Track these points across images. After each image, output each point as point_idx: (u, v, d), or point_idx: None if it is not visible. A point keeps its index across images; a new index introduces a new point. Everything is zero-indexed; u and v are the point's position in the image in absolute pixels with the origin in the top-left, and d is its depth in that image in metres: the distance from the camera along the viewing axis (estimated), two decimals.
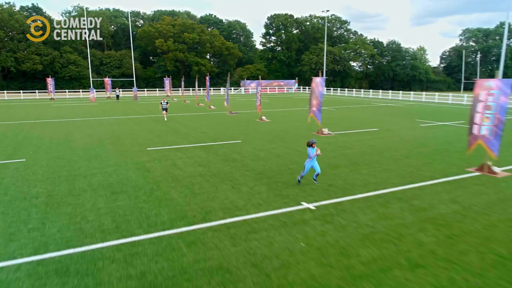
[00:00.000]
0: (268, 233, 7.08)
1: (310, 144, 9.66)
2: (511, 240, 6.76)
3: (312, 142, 9.69)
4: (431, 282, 5.36)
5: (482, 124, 11.28)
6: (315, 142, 9.75)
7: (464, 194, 9.37)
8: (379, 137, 18.24)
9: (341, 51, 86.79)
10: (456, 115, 29.61)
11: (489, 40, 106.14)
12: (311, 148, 9.64)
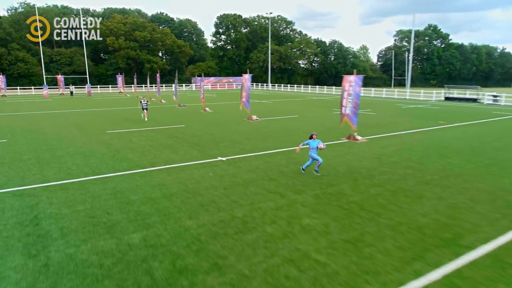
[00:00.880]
0: (191, 170, 11.55)
1: (310, 136, 10.61)
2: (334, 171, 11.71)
3: (312, 134, 10.62)
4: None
5: (346, 106, 16.47)
6: (315, 134, 10.70)
7: (336, 151, 14.38)
8: (294, 121, 23.31)
9: (287, 50, 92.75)
10: (372, 105, 35.74)
11: (420, 40, 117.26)
12: (312, 140, 10.50)
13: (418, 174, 11.10)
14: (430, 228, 7.25)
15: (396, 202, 8.65)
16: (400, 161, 12.72)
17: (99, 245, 6.51)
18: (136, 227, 7.26)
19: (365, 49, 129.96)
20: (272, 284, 5.34)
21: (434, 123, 22.77)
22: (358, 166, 12.01)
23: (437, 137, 17.72)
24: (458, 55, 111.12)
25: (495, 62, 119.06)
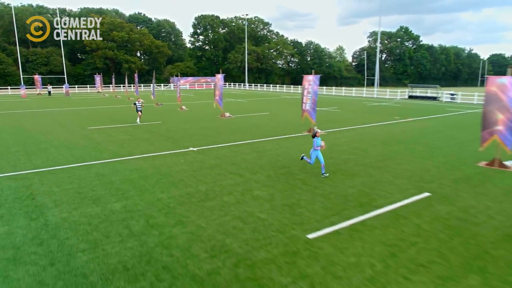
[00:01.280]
0: (165, 158, 13.22)
1: (314, 134, 10.40)
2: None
3: (315, 132, 10.38)
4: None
5: (306, 103, 18.45)
6: (319, 132, 10.52)
7: (294, 142, 16.30)
8: (264, 118, 25.20)
9: (264, 50, 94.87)
10: (339, 103, 38.08)
11: (393, 42, 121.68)
12: (317, 138, 10.36)
13: (359, 159, 13.14)
14: (353, 196, 9.22)
15: (333, 179, 10.60)
16: (348, 149, 14.77)
17: (87, 211, 8.15)
18: (117, 199, 8.92)
19: (341, 49, 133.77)
20: (222, 232, 7.13)
21: (390, 118, 25.13)
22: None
23: (388, 130, 19.96)
24: (428, 56, 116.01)
25: (462, 63, 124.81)
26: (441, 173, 11.25)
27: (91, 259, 6.00)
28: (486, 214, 8.05)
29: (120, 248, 6.40)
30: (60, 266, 5.81)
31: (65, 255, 6.14)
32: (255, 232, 7.09)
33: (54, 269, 5.72)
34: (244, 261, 5.95)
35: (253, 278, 5.45)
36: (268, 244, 6.54)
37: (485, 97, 12.03)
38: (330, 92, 61.38)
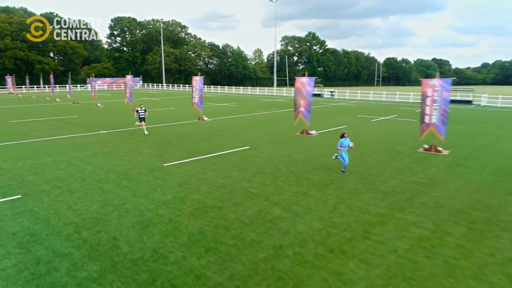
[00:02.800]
0: (80, 138, 18.02)
1: (341, 135, 10.86)
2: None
3: (343, 133, 10.85)
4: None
5: (195, 97, 24.25)
6: (346, 132, 10.98)
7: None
8: (169, 111, 30.54)
9: (183, 52, 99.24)
10: (240, 100, 44.68)
11: (303, 46, 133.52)
12: (344, 138, 10.76)
13: (224, 133, 19.29)
14: (203, 149, 15.17)
15: (196, 143, 16.51)
16: (220, 128, 20.90)
17: (27, 162, 13.01)
18: (48, 157, 13.83)
19: (259, 51, 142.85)
20: (116, 164, 12.57)
21: (270, 110, 32.17)
22: (191, 132, 19.85)
23: (258, 117, 26.68)
24: (332, 59, 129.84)
25: (362, 65, 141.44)
26: (264, 139, 17.84)
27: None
28: (279, 154, 14.53)
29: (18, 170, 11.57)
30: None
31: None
32: (135, 163, 12.65)
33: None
34: (125, 174, 11.49)
35: (130, 179, 11.02)
36: (140, 168, 12.15)
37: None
38: (246, 91, 68.18)
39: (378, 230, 7.30)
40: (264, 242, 6.77)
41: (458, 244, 6.73)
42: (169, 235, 7.04)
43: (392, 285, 5.42)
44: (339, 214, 8.13)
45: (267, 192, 9.65)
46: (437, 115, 13.84)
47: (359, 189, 9.87)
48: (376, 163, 12.76)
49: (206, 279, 5.54)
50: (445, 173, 11.56)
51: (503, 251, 6.47)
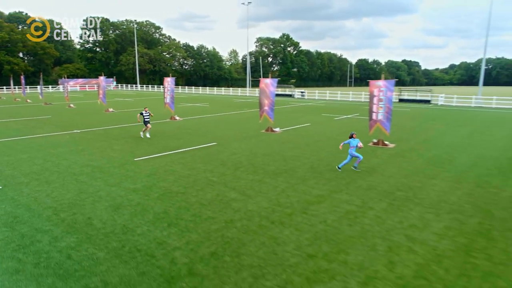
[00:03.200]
0: (54, 137, 18.78)
1: (350, 135, 11.60)
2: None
3: (352, 134, 11.59)
4: None
5: (167, 97, 25.28)
6: (355, 133, 11.68)
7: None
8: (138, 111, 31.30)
9: (157, 53, 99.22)
10: (214, 101, 45.79)
11: (277, 47, 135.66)
12: (352, 139, 11.46)
13: (193, 132, 20.48)
14: (171, 146, 16.32)
15: (167, 141, 17.63)
16: (191, 127, 22.07)
17: (2, 159, 13.81)
18: (24, 153, 14.64)
19: (235, 52, 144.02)
20: (91, 159, 13.58)
21: (241, 109, 33.52)
22: (162, 131, 20.90)
23: (228, 116, 27.97)
24: (306, 60, 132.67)
25: (335, 66, 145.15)
26: (231, 136, 19.16)
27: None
28: (242, 149, 15.83)
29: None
30: None
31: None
32: (107, 158, 13.69)
33: None
34: (99, 168, 12.52)
35: (103, 172, 12.07)
36: (112, 162, 13.20)
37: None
38: (220, 92, 69.28)
39: (315, 207, 8.76)
40: (217, 218, 8.09)
41: (376, 215, 8.27)
42: (137, 215, 8.24)
43: (315, 244, 6.85)
44: (285, 196, 9.55)
45: (226, 180, 10.98)
46: (383, 113, 15.56)
47: (307, 177, 11.34)
48: (328, 156, 14.31)
49: (167, 245, 6.80)
50: (385, 163, 13.23)
51: (410, 219, 8.05)
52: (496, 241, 6.99)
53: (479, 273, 5.85)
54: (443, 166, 12.76)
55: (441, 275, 5.78)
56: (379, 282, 5.60)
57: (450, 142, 17.46)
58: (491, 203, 9.06)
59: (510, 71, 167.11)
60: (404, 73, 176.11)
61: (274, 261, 6.20)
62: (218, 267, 5.98)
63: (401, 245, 6.81)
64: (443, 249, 6.65)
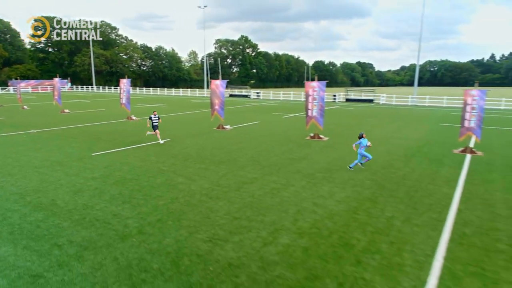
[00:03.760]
0: (12, 136, 19.46)
1: (360, 136, 12.14)
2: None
3: (362, 134, 12.18)
4: None
5: (123, 98, 26.33)
6: (364, 133, 12.28)
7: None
8: (98, 113, 32.01)
9: (113, 54, 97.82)
10: (171, 101, 46.76)
11: (236, 49, 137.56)
12: (363, 139, 12.06)
13: (145, 129, 21.79)
14: (126, 142, 17.65)
15: (123, 136, 18.90)
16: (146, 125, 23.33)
17: None
18: None
19: (194, 53, 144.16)
20: (53, 156, 14.68)
21: (197, 109, 35.01)
22: (119, 130, 22.06)
23: (184, 116, 29.43)
24: (264, 62, 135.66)
25: (292, 68, 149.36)
26: (185, 133, 20.73)
27: None
28: (194, 143, 17.45)
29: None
30: None
31: None
32: (66, 154, 14.84)
33: None
34: (58, 162, 13.70)
35: (62, 165, 13.28)
36: (71, 157, 14.41)
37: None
38: (171, 93, 70.08)
39: (247, 186, 10.66)
40: (165, 196, 9.76)
41: (295, 190, 10.30)
42: (95, 196, 9.73)
43: (241, 211, 8.72)
44: (224, 179, 11.38)
45: (176, 168, 12.64)
46: (317, 110, 17.84)
47: (246, 165, 13.25)
48: (267, 148, 16.32)
49: (121, 216, 8.39)
50: (315, 153, 15.44)
51: (321, 192, 10.14)
52: (378, 204, 9.23)
53: (357, 223, 7.99)
54: None
55: (329, 226, 7.85)
56: (283, 231, 7.56)
57: (378, 135, 20.10)
58: (387, 180, 11.41)
59: (453, 73, 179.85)
60: (358, 74, 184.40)
61: (207, 222, 8.01)
62: (162, 228, 7.69)
63: (307, 209, 8.85)
64: (337, 210, 8.77)
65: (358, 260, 6.38)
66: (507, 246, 6.95)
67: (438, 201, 9.39)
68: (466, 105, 14.67)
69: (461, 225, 7.92)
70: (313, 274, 5.91)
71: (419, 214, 8.53)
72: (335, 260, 6.36)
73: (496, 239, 7.22)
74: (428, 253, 6.63)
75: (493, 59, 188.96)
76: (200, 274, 5.90)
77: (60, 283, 5.63)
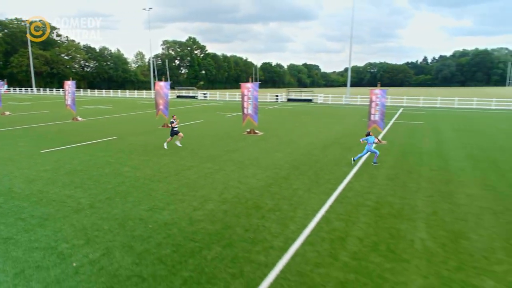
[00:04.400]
0: None
1: (367, 133, 13.19)
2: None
3: (369, 132, 13.28)
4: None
5: (68, 99, 26.90)
6: (371, 132, 13.44)
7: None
8: (41, 114, 32.02)
9: (54, 54, 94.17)
10: (117, 103, 46.97)
11: (184, 50, 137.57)
12: (369, 136, 12.99)
13: (92, 129, 22.81)
14: (76, 138, 18.75)
15: (69, 134, 19.90)
16: (93, 125, 24.27)
17: None
18: None
19: (141, 54, 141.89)
20: None
21: (144, 110, 36.01)
22: (65, 129, 22.85)
23: (131, 116, 30.50)
24: (213, 63, 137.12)
25: (241, 69, 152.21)
26: (131, 132, 22.09)
27: None
28: (139, 140, 18.90)
29: None
30: None
31: None
32: (16, 152, 15.74)
33: None
34: (9, 159, 14.65)
35: (13, 161, 14.27)
36: (21, 154, 15.36)
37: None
38: (117, 94, 69.60)
39: (185, 172, 12.57)
40: (112, 182, 11.39)
41: (225, 173, 12.36)
42: (49, 184, 11.13)
43: (178, 189, 10.61)
44: (165, 167, 13.19)
45: (122, 161, 14.21)
46: (251, 108, 20.11)
47: (186, 156, 15.13)
48: (207, 143, 18.28)
49: (74, 197, 9.94)
50: (249, 145, 17.67)
51: (246, 174, 12.29)
52: (289, 180, 11.58)
53: (269, 194, 10.22)
54: (289, 145, 17.61)
55: (247, 196, 10.01)
56: (210, 201, 9.59)
57: (307, 130, 22.83)
58: (303, 163, 13.88)
59: (390, 74, 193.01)
60: (305, 76, 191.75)
61: (148, 198, 9.84)
62: (110, 203, 9.40)
63: (232, 186, 10.98)
64: (256, 186, 10.98)
65: (263, 215, 8.59)
66: (373, 202, 9.54)
67: (337, 177, 11.95)
68: (371, 102, 17.67)
69: (347, 191, 10.47)
70: (227, 225, 8.03)
71: (319, 186, 11.00)
72: (246, 217, 8.53)
73: (367, 199, 9.81)
74: (315, 209, 9.01)
75: (425, 61, 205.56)
76: (142, 230, 7.77)
77: (28, 242, 7.23)
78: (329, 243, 7.14)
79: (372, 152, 13.38)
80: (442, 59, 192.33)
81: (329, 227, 7.96)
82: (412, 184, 11.18)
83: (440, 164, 13.88)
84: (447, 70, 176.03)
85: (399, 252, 6.81)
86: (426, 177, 11.93)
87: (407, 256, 6.64)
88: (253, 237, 7.43)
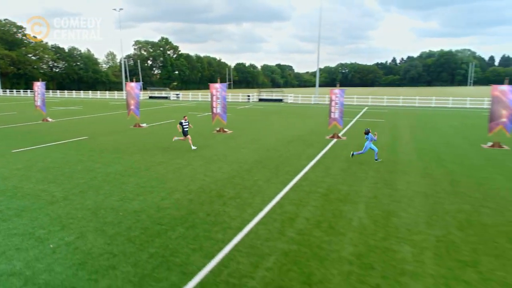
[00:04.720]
0: None
1: (367, 131, 13.46)
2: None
3: (368, 130, 13.52)
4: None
5: (37, 100, 26.93)
6: (370, 129, 13.65)
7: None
8: (10, 115, 31.70)
9: (20, 55, 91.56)
10: (87, 104, 46.69)
11: (157, 50, 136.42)
12: (370, 134, 13.37)
13: (62, 129, 23.10)
14: (53, 136, 19.10)
15: (50, 133, 20.19)
16: (64, 125, 24.50)
17: None
18: None
19: (112, 55, 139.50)
20: None
21: (116, 110, 36.19)
22: (35, 130, 23.02)
23: (102, 117, 30.75)
24: (186, 64, 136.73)
25: (215, 70, 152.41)
26: (102, 132, 22.54)
27: None
28: (109, 140, 19.43)
29: None
30: None
31: None
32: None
33: None
34: None
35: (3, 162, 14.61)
36: None
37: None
38: (87, 95, 68.77)
39: (155, 167, 13.39)
40: (85, 177, 12.07)
41: (192, 168, 13.27)
42: (23, 180, 11.69)
43: (148, 182, 11.44)
44: (137, 163, 13.95)
45: (93, 159, 14.84)
46: (220, 107, 21.06)
47: (157, 153, 15.90)
48: (178, 141, 19.08)
49: (48, 191, 10.58)
50: (218, 143, 18.61)
51: (212, 168, 13.25)
52: (252, 173, 12.61)
53: (232, 184, 11.23)
54: (256, 142, 18.68)
55: (212, 187, 10.98)
56: (177, 192, 10.49)
57: (274, 128, 24.00)
58: (266, 158, 14.95)
59: (361, 74, 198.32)
60: (278, 76, 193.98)
61: (119, 190, 10.63)
62: (83, 196, 10.13)
63: (198, 178, 11.91)
64: (221, 178, 11.96)
65: (224, 202, 9.59)
66: (324, 189, 10.73)
67: (295, 169, 13.10)
68: (331, 101, 19.01)
69: (302, 181, 11.62)
70: (191, 211, 8.98)
71: (278, 177, 12.10)
72: (209, 204, 9.50)
73: (319, 187, 10.98)
74: (272, 196, 10.09)
75: (394, 62, 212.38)
76: (113, 217, 8.60)
77: (7, 229, 7.92)
78: (280, 223, 8.23)
79: (371, 149, 13.75)
80: (409, 60, 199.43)
81: (281, 210, 9.05)
82: (361, 174, 12.48)
83: (390, 157, 15.31)
84: (414, 70, 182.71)
85: (338, 228, 7.98)
86: (374, 168, 13.27)
87: (344, 231, 7.82)
88: (214, 220, 8.41)
